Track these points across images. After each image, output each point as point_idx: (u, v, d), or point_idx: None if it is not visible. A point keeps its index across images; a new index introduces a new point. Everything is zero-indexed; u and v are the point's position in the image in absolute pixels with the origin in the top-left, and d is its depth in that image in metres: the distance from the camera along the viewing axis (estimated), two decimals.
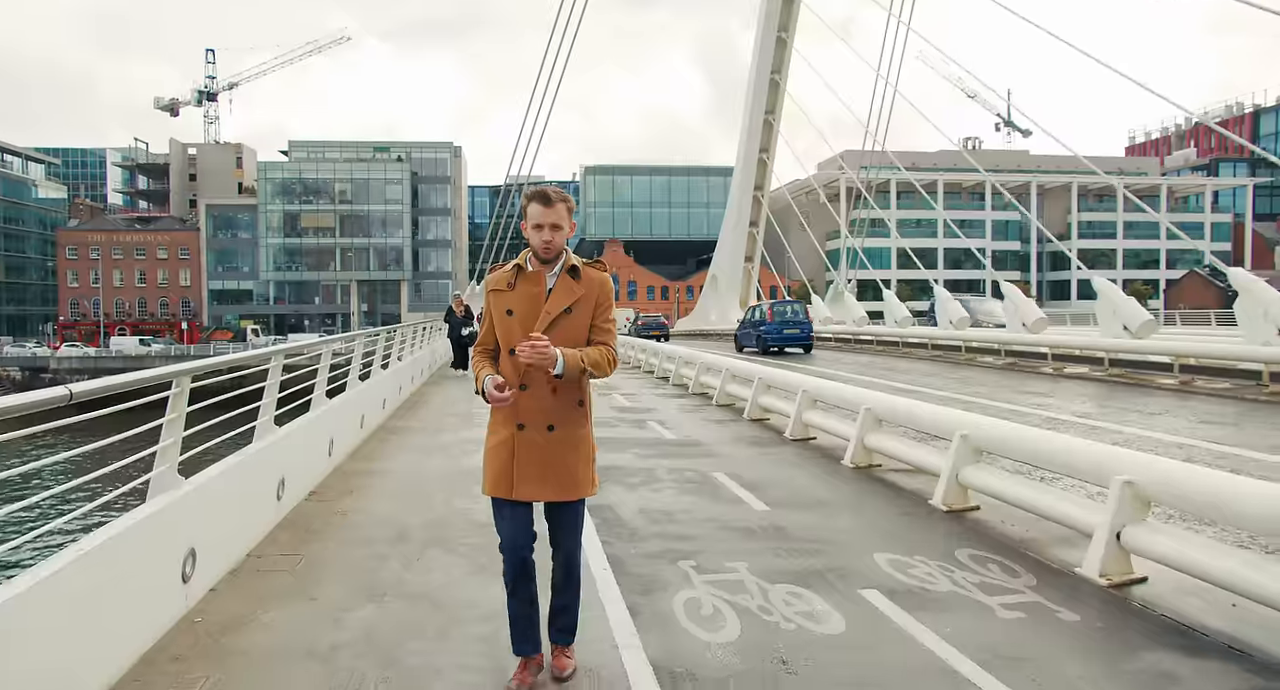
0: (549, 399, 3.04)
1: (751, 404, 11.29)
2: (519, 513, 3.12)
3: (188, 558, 4.01)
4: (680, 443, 9.44)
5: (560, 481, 3.07)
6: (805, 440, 9.34)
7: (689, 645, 3.69)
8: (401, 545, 5.24)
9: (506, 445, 3.07)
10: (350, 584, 4.46)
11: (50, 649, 2.85)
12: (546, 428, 3.05)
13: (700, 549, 5.18)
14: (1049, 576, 4.64)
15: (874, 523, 5.91)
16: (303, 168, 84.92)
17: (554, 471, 3.06)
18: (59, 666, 2.91)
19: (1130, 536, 4.46)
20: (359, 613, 4.04)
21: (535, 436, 3.05)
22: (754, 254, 42.47)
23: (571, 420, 3.10)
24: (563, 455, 3.07)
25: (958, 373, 17.98)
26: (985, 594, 4.37)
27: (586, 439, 3.17)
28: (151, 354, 57.62)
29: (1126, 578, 4.49)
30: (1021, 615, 4.08)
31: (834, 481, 7.28)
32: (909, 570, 4.75)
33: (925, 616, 4.03)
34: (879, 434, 7.62)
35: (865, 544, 5.31)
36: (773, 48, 36.78)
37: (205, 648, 3.59)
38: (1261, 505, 3.77)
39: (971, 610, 4.16)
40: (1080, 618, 4.04)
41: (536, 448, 3.04)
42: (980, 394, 13.27)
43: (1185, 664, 3.51)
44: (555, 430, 3.06)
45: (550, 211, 3.01)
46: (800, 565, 4.86)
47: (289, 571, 4.68)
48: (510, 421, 3.07)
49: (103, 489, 2.90)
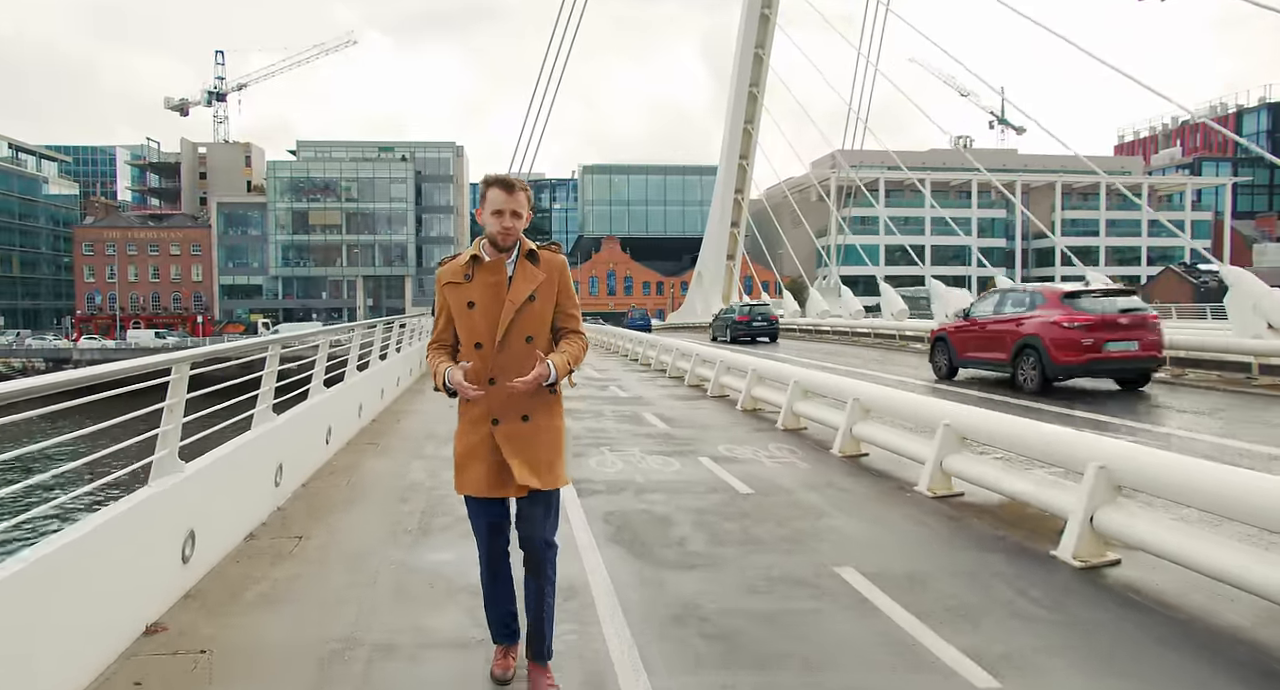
0: (521, 390, 2.95)
1: (691, 374, 14.63)
2: (498, 511, 3.14)
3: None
4: (630, 399, 12.74)
5: (540, 470, 3.01)
6: (720, 397, 12.64)
7: (592, 475, 6.97)
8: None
9: (485, 443, 3.01)
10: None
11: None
12: (521, 418, 3.00)
13: (615, 441, 8.52)
14: (810, 452, 7.92)
15: (732, 433, 9.17)
16: (310, 167, 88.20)
17: (535, 460, 3.00)
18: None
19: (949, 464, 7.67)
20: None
21: (513, 429, 3.00)
22: (735, 252, 45.77)
23: (545, 408, 3.06)
24: (542, 443, 3.03)
25: (888, 356, 21.19)
26: (767, 458, 7.69)
27: (560, 427, 3.13)
28: (167, 346, 60.67)
29: (1103, 559, 6.00)
30: (779, 466, 7.37)
31: (726, 420, 10.56)
32: (734, 451, 8.05)
33: (727, 465, 7.39)
34: (761, 387, 10.96)
35: (718, 440, 8.61)
36: (750, 63, 40.09)
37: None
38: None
39: (752, 464, 7.50)
40: (810, 466, 7.35)
41: (517, 440, 2.99)
42: (881, 369, 16.51)
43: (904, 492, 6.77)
44: (530, 420, 3.01)
45: (511, 198, 2.95)
46: (671, 449, 8.24)
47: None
48: (484, 418, 3.01)
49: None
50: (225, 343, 8.92)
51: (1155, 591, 4.23)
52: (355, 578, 4.46)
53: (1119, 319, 11.39)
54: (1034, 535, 5.20)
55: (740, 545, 5.09)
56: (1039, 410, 9.70)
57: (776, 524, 5.55)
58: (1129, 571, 4.53)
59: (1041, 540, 5.06)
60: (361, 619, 3.90)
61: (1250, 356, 13.14)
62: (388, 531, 5.35)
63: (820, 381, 9.28)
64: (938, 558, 4.86)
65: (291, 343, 7.01)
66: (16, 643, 2.74)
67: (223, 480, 4.71)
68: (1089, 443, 5.07)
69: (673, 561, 4.78)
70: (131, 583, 3.57)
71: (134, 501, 3.63)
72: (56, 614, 2.97)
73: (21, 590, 2.77)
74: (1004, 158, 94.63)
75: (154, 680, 3.24)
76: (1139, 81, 18.53)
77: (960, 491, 6.28)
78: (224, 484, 4.74)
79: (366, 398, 10.00)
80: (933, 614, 3.91)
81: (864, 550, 4.97)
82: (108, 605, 3.34)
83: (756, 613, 3.97)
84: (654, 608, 4.04)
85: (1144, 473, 4.54)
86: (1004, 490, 5.70)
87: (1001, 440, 5.91)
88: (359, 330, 10.37)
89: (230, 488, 4.89)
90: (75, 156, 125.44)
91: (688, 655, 3.52)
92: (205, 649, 3.47)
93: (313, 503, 6.08)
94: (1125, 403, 10.91)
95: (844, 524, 5.57)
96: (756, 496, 6.33)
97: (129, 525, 3.55)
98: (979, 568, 4.65)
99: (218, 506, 4.61)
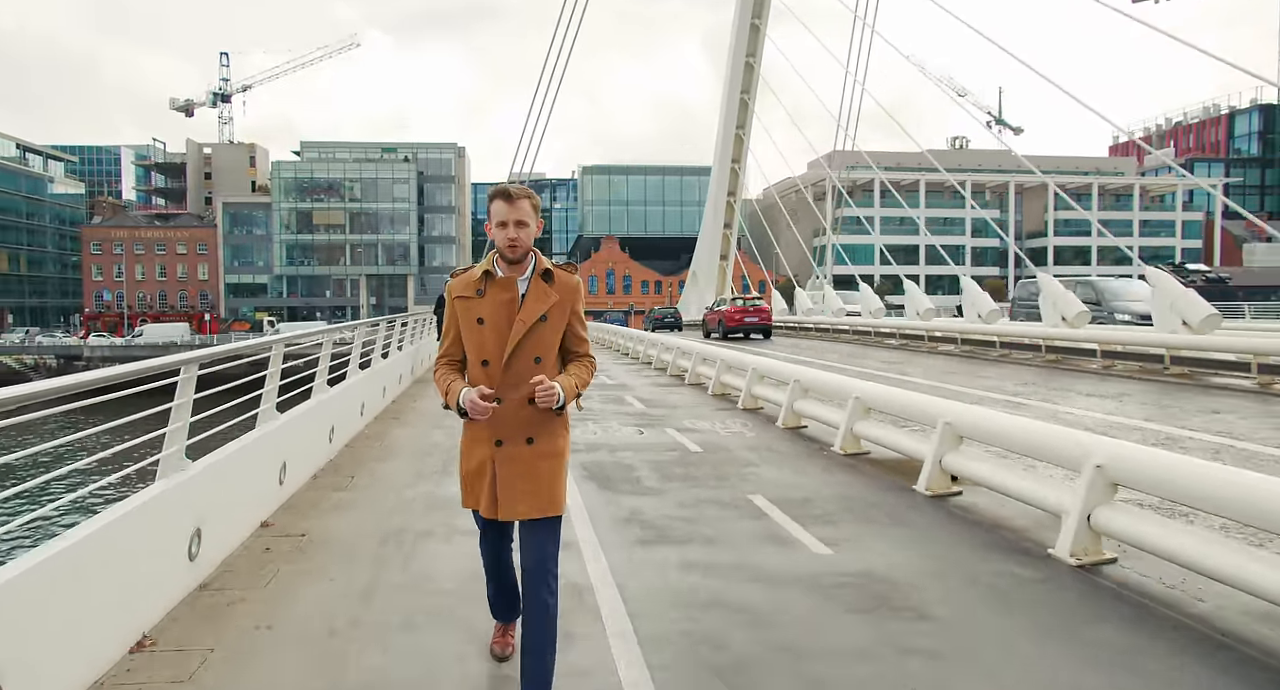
0: (526, 410, 2.92)
1: (671, 364, 16.33)
2: (502, 529, 3.16)
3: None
4: (615, 386, 14.41)
5: (540, 498, 2.94)
6: (696, 384, 14.33)
7: (576, 440, 8.66)
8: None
9: (487, 465, 2.97)
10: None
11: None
12: (525, 441, 2.95)
13: (598, 417, 10.23)
14: (761, 425, 9.59)
15: (698, 411, 10.84)
16: (314, 167, 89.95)
17: (535, 487, 2.94)
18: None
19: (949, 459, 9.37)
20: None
21: (515, 452, 2.94)
22: (728, 252, 47.46)
23: (551, 431, 3.00)
24: (543, 469, 2.96)
25: (864, 351, 22.87)
26: (722, 429, 9.36)
27: (564, 453, 3.06)
28: (176, 343, 62.31)
29: (948, 490, 9.33)
30: (729, 435, 9.05)
31: (696, 401, 12.23)
32: (697, 424, 9.73)
33: (687, 434, 9.08)
34: (728, 375, 12.63)
35: (685, 417, 10.28)
36: (742, 71, 41.77)
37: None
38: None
39: (709, 433, 9.18)
40: (755, 435, 9.01)
41: (519, 463, 2.94)
42: (834, 358, 18.18)
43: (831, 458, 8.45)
44: (535, 443, 2.96)
45: (513, 208, 2.90)
46: (644, 423, 9.95)
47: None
48: (488, 438, 2.96)
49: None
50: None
51: (968, 507, 5.91)
52: (398, 499, 6.15)
53: (748, 310, 29.15)
54: (908, 475, 6.84)
55: (681, 482, 6.79)
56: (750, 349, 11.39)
57: (713, 469, 7.26)
58: (968, 498, 6.18)
59: (909, 478, 6.71)
60: (406, 520, 5.61)
61: (1163, 349, 14.94)
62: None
63: (772, 367, 10.96)
64: (826, 489, 6.54)
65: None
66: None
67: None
68: (935, 403, 6.79)
69: (629, 491, 6.50)
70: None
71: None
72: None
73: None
74: (999, 158, 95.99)
75: (280, 546, 5.01)
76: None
77: (866, 450, 7.97)
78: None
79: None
80: (806, 519, 5.59)
81: (775, 486, 6.65)
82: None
83: (682, 517, 5.68)
84: (612, 515, 5.74)
85: (967, 419, 6.03)
86: (886, 443, 7.49)
87: (881, 406, 7.78)
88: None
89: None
90: (80, 156, 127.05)
91: (631, 538, 5.22)
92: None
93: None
94: (1041, 387, 12.63)
95: (767, 471, 7.25)
96: (704, 453, 8.02)
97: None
98: (855, 494, 6.35)
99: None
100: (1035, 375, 15.10)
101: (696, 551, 4.94)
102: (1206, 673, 3.35)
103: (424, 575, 4.56)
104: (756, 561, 4.74)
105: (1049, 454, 5.27)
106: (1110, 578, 4.46)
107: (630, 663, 3.42)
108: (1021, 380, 14.10)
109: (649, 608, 4.03)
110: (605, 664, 3.40)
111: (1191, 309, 14.66)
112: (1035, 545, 5.00)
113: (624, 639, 3.65)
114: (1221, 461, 6.38)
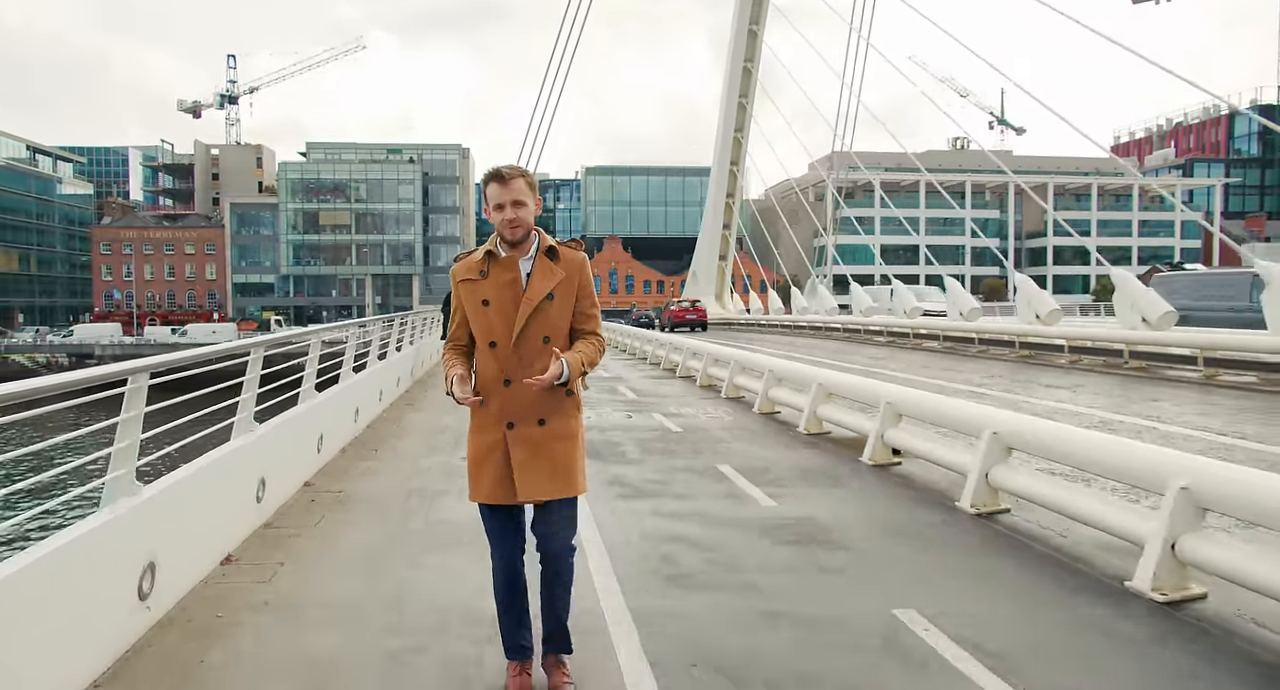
0: (536, 392, 2.87)
1: (665, 359, 17.38)
2: (513, 519, 3.09)
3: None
4: (611, 378, 15.46)
5: (558, 478, 2.93)
6: (686, 377, 15.37)
7: None
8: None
9: (498, 447, 2.92)
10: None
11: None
12: (538, 422, 2.93)
13: (593, 404, 11.35)
14: (740, 411, 10.61)
15: (685, 399, 11.86)
16: (320, 168, 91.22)
17: (552, 467, 2.92)
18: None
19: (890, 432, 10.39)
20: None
21: (528, 433, 2.91)
22: (727, 253, 48.52)
23: (562, 411, 2.98)
24: (559, 450, 2.94)
25: (854, 348, 23.88)
26: (703, 414, 10.42)
27: (579, 431, 3.04)
28: (183, 342, 63.41)
29: (889, 461, 10.39)
30: (709, 419, 10.08)
31: (684, 391, 13.26)
32: (682, 410, 10.76)
33: (672, 418, 10.11)
34: (714, 368, 13.67)
35: (671, 404, 11.32)
36: (740, 76, 42.82)
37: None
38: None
39: (691, 417, 10.24)
40: (734, 418, 10.03)
41: (531, 445, 2.91)
42: (821, 354, 19.20)
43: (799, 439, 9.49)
44: (547, 424, 2.93)
45: (507, 188, 2.85)
46: (634, 409, 11.00)
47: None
48: (498, 421, 2.93)
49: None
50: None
51: (904, 474, 6.93)
52: (417, 467, 7.22)
53: (688, 310, 39.81)
54: (859, 450, 7.75)
55: (661, 455, 7.84)
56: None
57: (690, 446, 8.31)
58: (906, 468, 7.18)
59: (859, 452, 7.67)
60: (425, 482, 6.68)
61: (1122, 344, 16.09)
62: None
63: (752, 361, 12.00)
64: (785, 461, 7.57)
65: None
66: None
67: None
68: (880, 386, 7.77)
69: (614, 461, 7.56)
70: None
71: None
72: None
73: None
74: (1000, 158, 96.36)
75: (322, 498, 6.07)
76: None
77: (828, 430, 8.98)
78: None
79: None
80: (763, 481, 6.63)
81: (741, 458, 7.68)
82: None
83: (656, 480, 6.74)
84: (599, 479, 6.78)
85: (904, 399, 7.17)
86: (843, 423, 8.47)
87: (842, 391, 8.71)
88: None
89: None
90: (88, 157, 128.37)
91: (612, 496, 6.27)
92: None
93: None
94: (1007, 379, 13.64)
95: (737, 447, 8.28)
96: (684, 433, 9.06)
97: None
98: (810, 465, 7.38)
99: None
100: (1005, 369, 16.15)
101: (666, 504, 5.98)
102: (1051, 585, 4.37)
103: (440, 521, 5.60)
104: (714, 511, 5.79)
105: (961, 426, 6.29)
106: (1003, 524, 5.47)
107: (604, 572, 4.45)
108: (990, 373, 15.15)
109: (621, 540, 5.08)
110: (585, 578, 4.41)
111: (1151, 307, 15.66)
112: (949, 500, 6.02)
113: (600, 560, 4.68)
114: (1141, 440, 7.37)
